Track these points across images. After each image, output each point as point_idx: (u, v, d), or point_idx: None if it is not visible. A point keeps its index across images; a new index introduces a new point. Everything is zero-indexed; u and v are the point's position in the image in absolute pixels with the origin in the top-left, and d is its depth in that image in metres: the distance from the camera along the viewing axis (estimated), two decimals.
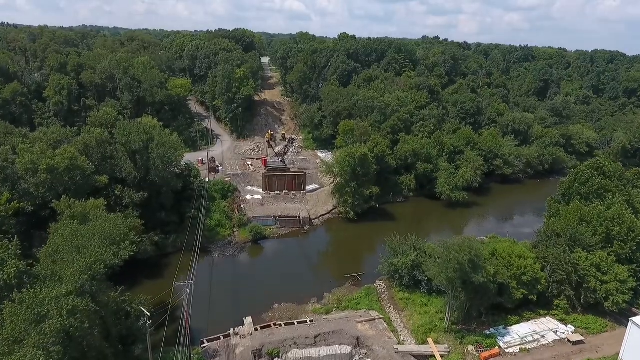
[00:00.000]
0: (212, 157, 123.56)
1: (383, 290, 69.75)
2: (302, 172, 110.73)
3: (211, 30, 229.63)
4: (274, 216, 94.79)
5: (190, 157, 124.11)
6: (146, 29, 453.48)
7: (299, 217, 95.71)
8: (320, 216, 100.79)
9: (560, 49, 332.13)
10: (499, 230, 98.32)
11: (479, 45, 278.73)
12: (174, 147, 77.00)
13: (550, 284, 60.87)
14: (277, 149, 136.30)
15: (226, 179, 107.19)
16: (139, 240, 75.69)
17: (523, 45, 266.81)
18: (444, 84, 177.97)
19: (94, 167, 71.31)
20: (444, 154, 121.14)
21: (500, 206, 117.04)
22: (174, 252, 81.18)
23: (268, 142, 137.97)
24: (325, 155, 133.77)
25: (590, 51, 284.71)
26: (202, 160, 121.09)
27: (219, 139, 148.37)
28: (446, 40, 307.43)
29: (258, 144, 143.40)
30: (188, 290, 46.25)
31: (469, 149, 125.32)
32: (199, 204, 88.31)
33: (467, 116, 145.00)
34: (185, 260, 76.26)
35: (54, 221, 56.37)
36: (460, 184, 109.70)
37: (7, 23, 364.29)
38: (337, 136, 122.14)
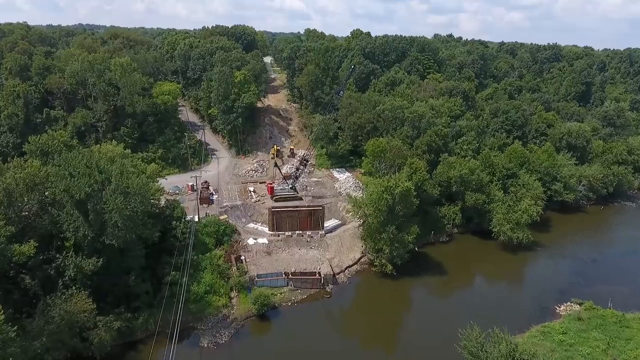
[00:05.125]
0: (205, 182, 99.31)
1: None
2: (320, 206, 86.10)
3: (207, 27, 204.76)
4: (285, 273, 70.30)
5: (178, 180, 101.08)
6: (142, 27, 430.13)
7: (319, 273, 71.29)
8: (346, 268, 76.24)
9: (586, 47, 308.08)
10: (584, 287, 73.99)
11: (503, 43, 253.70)
12: (141, 193, 52.24)
13: None
14: (284, 168, 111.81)
15: (222, 217, 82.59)
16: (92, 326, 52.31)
17: (551, 44, 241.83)
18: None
19: (14, 228, 46.97)
20: (496, 178, 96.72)
21: (569, 246, 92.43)
22: (146, 337, 56.99)
23: (274, 160, 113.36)
24: (344, 177, 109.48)
25: (622, 50, 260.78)
26: (192, 186, 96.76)
27: (214, 155, 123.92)
28: (460, 38, 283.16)
29: (262, 161, 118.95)
30: None
31: (524, 172, 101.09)
32: (183, 259, 64.06)
33: (513, 128, 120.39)
34: (159, 350, 52.83)
35: None
36: (524, 221, 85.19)
37: None
38: (363, 157, 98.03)
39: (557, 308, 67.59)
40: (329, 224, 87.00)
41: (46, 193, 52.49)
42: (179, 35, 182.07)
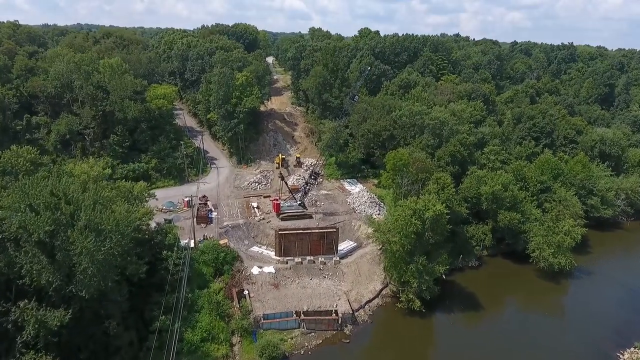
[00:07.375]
0: (204, 196, 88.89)
1: None
2: (334, 227, 75.56)
3: (207, 26, 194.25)
4: (296, 313, 59.75)
5: (174, 194, 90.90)
6: (142, 27, 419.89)
7: (336, 312, 60.74)
8: (366, 303, 65.60)
9: (599, 47, 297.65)
10: None
11: (515, 43, 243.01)
12: (119, 230, 41.46)
13: None
14: (290, 180, 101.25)
15: (222, 241, 71.98)
16: None
17: (566, 44, 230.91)
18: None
19: None
20: (529, 194, 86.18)
21: (614, 272, 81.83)
22: None
23: (279, 170, 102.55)
24: (357, 190, 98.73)
25: (638, 49, 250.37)
26: (188, 201, 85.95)
27: (214, 164, 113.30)
28: (468, 37, 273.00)
29: (265, 172, 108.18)
30: None
31: (559, 185, 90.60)
32: (176, 298, 53.51)
33: (541, 136, 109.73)
34: None
35: None
36: (567, 245, 74.53)
37: None
38: (379, 168, 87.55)
39: (620, 355, 57.16)
40: (343, 246, 76.49)
41: (3, 227, 41.99)
42: (177, 35, 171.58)
